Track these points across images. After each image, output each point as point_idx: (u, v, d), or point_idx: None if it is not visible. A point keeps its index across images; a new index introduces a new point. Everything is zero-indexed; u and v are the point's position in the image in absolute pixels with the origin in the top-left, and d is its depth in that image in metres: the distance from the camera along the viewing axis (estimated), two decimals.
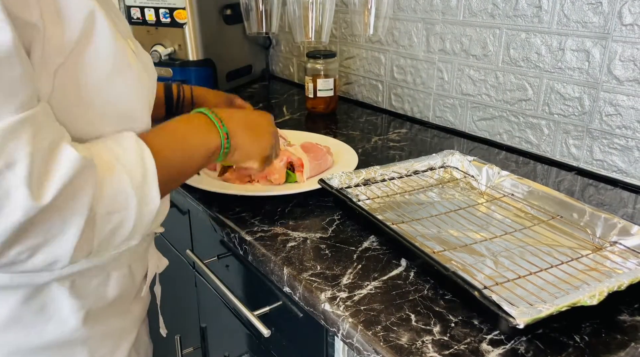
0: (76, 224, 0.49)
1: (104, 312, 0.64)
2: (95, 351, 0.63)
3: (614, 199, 0.92)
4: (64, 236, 0.49)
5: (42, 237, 0.47)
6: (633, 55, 0.92)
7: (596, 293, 0.56)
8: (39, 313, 0.58)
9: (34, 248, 0.48)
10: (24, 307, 0.57)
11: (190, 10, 1.44)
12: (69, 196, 0.48)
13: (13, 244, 0.46)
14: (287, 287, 0.70)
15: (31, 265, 0.49)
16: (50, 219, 0.47)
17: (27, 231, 0.46)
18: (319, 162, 0.96)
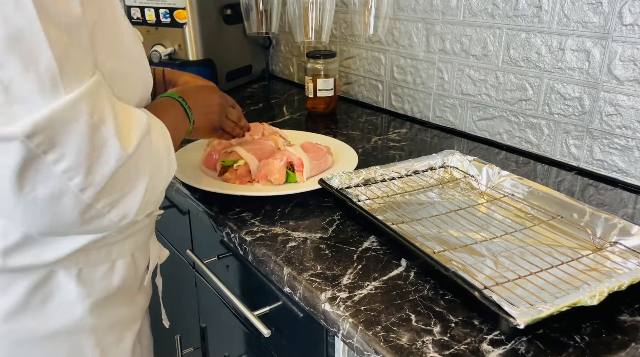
0: (143, 181, 0.55)
1: (110, 302, 0.66)
2: (101, 340, 0.65)
3: (614, 199, 0.92)
4: (135, 191, 0.54)
5: (121, 191, 0.52)
6: (633, 55, 0.92)
7: (596, 293, 0.56)
8: (46, 301, 0.60)
9: (113, 202, 0.52)
10: (32, 294, 0.59)
11: (190, 10, 1.44)
12: (143, 150, 0.54)
13: (102, 195, 0.51)
14: (287, 287, 0.70)
15: (108, 220, 0.53)
16: (129, 171, 0.53)
17: (113, 181, 0.51)
18: (319, 163, 0.96)
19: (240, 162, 0.92)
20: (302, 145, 0.98)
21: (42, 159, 0.47)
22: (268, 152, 0.96)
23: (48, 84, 0.46)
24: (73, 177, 0.48)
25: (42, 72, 0.45)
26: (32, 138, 0.45)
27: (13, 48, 0.44)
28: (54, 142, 0.47)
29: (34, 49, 0.45)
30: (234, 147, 0.96)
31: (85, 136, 0.48)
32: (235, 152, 0.94)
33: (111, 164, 0.50)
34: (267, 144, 0.98)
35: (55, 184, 0.48)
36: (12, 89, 0.45)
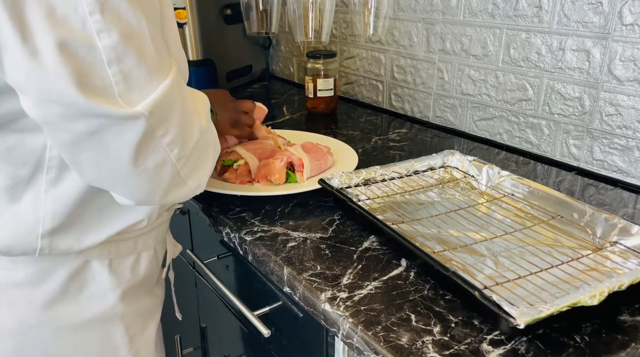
0: (212, 153, 0.63)
1: (136, 291, 0.71)
2: (129, 327, 0.70)
3: (614, 199, 0.92)
4: (206, 162, 0.62)
5: (197, 161, 0.60)
6: (633, 55, 0.92)
7: (597, 293, 0.56)
8: (82, 289, 0.65)
9: (192, 170, 0.59)
10: (70, 283, 0.64)
11: (190, 10, 1.44)
12: (211, 124, 0.64)
13: (187, 162, 0.58)
14: (287, 287, 0.70)
15: (187, 188, 0.60)
16: (204, 143, 0.61)
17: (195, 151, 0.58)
18: (319, 163, 0.96)
19: (240, 161, 0.92)
20: (303, 145, 0.98)
21: (154, 133, 0.53)
22: (268, 151, 0.96)
23: (154, 71, 0.52)
24: (173, 148, 0.55)
25: (149, 62, 0.51)
26: (152, 115, 0.52)
27: (130, 42, 0.50)
28: (163, 118, 0.53)
29: (143, 42, 0.51)
30: (234, 146, 0.96)
31: (181, 113, 0.56)
32: (235, 151, 0.94)
33: (195, 136, 0.58)
34: (267, 143, 0.98)
35: (161, 155, 0.55)
36: (130, 78, 0.50)
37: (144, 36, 0.51)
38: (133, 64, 0.50)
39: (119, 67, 0.49)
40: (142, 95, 0.51)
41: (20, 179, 0.59)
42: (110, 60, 0.49)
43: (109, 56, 0.49)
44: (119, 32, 0.49)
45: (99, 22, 0.48)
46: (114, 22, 0.48)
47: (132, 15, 0.50)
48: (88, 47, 0.48)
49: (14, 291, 0.62)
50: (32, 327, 0.63)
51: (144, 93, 0.52)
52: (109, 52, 0.49)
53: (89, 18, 0.47)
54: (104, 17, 0.48)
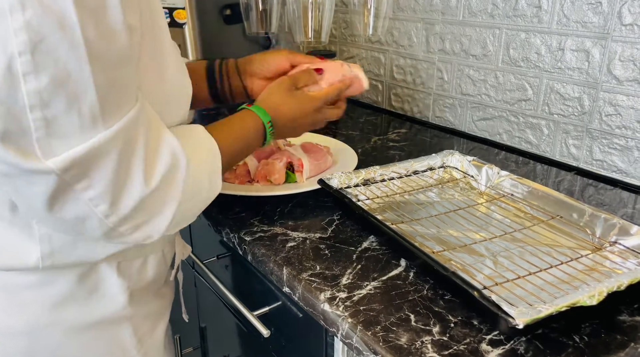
0: (172, 207, 0.57)
1: (144, 293, 0.71)
2: (137, 329, 0.70)
3: (613, 199, 0.92)
4: (162, 216, 0.57)
5: (146, 216, 0.55)
6: (633, 55, 0.92)
7: (596, 293, 0.56)
8: (92, 291, 0.65)
9: (137, 226, 0.55)
10: (79, 285, 0.63)
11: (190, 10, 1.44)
12: (170, 181, 0.56)
13: (125, 221, 0.54)
14: (286, 287, 0.70)
15: (132, 239, 0.56)
16: (154, 201, 0.55)
17: (138, 209, 0.54)
18: (319, 163, 0.96)
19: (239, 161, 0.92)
20: (302, 145, 0.98)
21: (72, 187, 0.50)
22: (267, 152, 0.96)
23: (88, 121, 0.48)
24: (99, 205, 0.51)
25: (84, 111, 0.47)
26: (67, 172, 0.48)
27: (60, 88, 0.46)
28: (86, 174, 0.49)
29: (79, 89, 0.46)
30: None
31: (115, 169, 0.51)
32: None
33: (135, 195, 0.53)
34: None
35: (82, 208, 0.51)
36: (53, 125, 0.47)
37: (84, 83, 0.46)
38: (61, 110, 0.46)
39: (43, 113, 0.46)
40: (66, 145, 0.48)
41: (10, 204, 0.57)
42: (33, 105, 0.45)
43: (32, 100, 0.45)
44: (50, 76, 0.45)
45: (27, 63, 0.44)
46: (46, 64, 0.44)
47: (73, 60, 0.45)
48: (10, 89, 0.44)
49: (24, 292, 0.61)
50: (42, 328, 0.62)
51: (69, 143, 0.48)
52: (32, 96, 0.45)
53: (17, 58, 0.43)
54: (34, 59, 0.44)
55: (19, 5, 0.43)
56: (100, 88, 0.48)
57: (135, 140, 0.52)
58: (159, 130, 0.57)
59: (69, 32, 0.45)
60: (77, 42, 0.45)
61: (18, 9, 0.43)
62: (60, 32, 0.45)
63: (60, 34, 0.45)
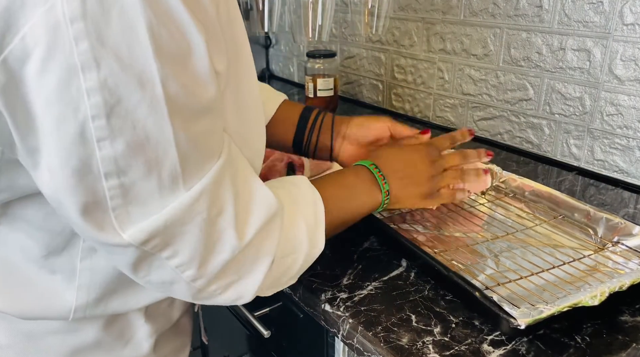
0: (265, 264, 0.52)
1: (169, 333, 0.67)
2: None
3: (615, 199, 0.92)
4: (254, 275, 0.52)
5: (236, 275, 0.51)
6: (634, 54, 0.92)
7: (597, 293, 0.56)
8: (118, 338, 0.60)
9: (227, 285, 0.51)
10: (106, 332, 0.59)
11: None
12: (264, 235, 0.51)
13: (214, 281, 0.49)
14: (287, 288, 0.70)
15: (221, 299, 0.52)
16: (246, 258, 0.50)
17: (227, 269, 0.49)
18: (319, 162, 0.96)
19: None
20: None
21: (156, 255, 0.46)
22: (267, 152, 0.96)
23: (168, 185, 0.43)
24: (185, 270, 0.47)
25: (164, 176, 0.43)
26: (147, 244, 0.44)
27: (139, 153, 0.41)
28: (169, 242, 0.45)
29: (160, 152, 0.42)
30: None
31: (202, 233, 0.46)
32: None
33: (225, 255, 0.48)
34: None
35: (168, 274, 0.48)
36: (131, 193, 0.42)
37: (164, 145, 0.41)
38: (139, 177, 0.42)
39: (119, 181, 0.41)
40: (144, 213, 0.43)
41: (55, 247, 0.53)
42: (108, 173, 0.41)
43: (108, 168, 0.41)
44: (126, 141, 0.40)
45: (101, 128, 0.39)
46: (123, 129, 0.40)
47: (152, 122, 0.40)
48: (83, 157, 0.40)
49: (48, 338, 0.58)
50: None
51: (148, 210, 0.43)
52: (108, 163, 0.40)
53: (90, 123, 0.39)
54: (109, 123, 0.39)
55: (93, 62, 0.38)
56: (182, 149, 0.42)
57: (223, 199, 0.47)
58: (248, 179, 0.51)
59: (149, 90, 0.40)
60: (158, 101, 0.40)
61: (92, 67, 0.38)
62: (140, 92, 0.39)
63: (140, 94, 0.39)
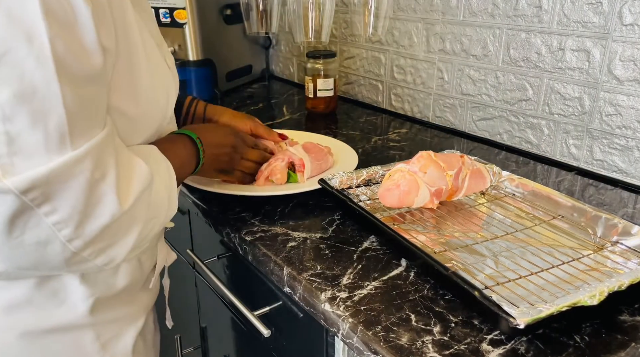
0: (137, 229, 0.55)
1: (112, 300, 0.67)
2: (101, 334, 0.66)
3: (614, 199, 0.92)
4: (126, 240, 0.54)
5: (111, 239, 0.53)
6: (633, 55, 0.92)
7: (596, 293, 0.56)
8: (50, 297, 0.61)
9: (100, 250, 0.53)
10: (37, 290, 0.59)
11: (190, 10, 1.44)
12: (143, 200, 0.55)
13: (90, 244, 0.51)
14: (287, 287, 0.70)
15: (92, 265, 0.54)
16: (122, 224, 0.53)
17: (104, 233, 0.51)
18: (320, 163, 0.96)
19: None
20: (304, 145, 0.98)
21: (35, 210, 0.47)
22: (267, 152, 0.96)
23: (55, 140, 0.46)
24: (62, 229, 0.49)
25: (50, 129, 0.45)
26: (27, 193, 0.46)
27: (25, 103, 0.44)
28: (50, 197, 0.47)
29: (46, 105, 0.45)
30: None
31: (83, 192, 0.48)
32: None
33: (105, 219, 0.51)
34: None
35: (44, 232, 0.49)
36: (17, 142, 0.45)
37: (51, 99, 0.45)
38: (24, 126, 0.44)
39: (5, 127, 0.44)
40: (29, 164, 0.45)
41: None
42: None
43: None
44: (13, 90, 0.43)
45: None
46: (10, 78, 0.43)
47: (39, 75, 0.44)
48: None
49: None
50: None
51: (33, 162, 0.45)
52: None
53: None
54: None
55: None
56: (69, 106, 0.46)
57: (106, 163, 0.50)
58: (126, 153, 0.55)
59: (36, 45, 0.43)
60: (45, 57, 0.44)
61: None
62: (28, 46, 0.43)
63: (28, 48, 0.43)
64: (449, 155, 0.86)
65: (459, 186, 0.84)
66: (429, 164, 0.80)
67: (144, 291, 0.74)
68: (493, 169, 0.91)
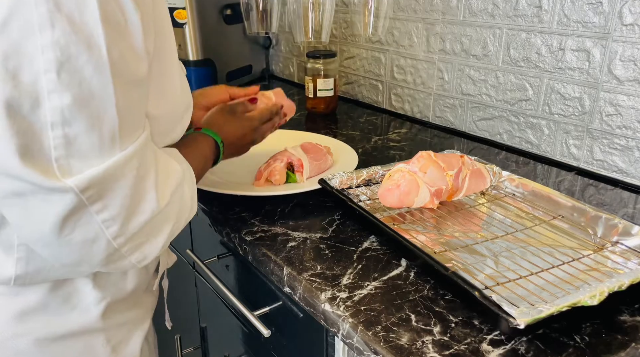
0: (169, 227, 0.57)
1: (121, 304, 0.68)
2: (111, 338, 0.67)
3: (614, 199, 0.92)
4: (159, 237, 0.57)
5: (147, 236, 0.55)
6: (633, 55, 0.92)
7: (597, 293, 0.56)
8: (64, 302, 0.62)
9: (137, 246, 0.54)
10: (51, 295, 0.61)
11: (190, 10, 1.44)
12: (175, 201, 0.57)
13: (130, 240, 0.53)
14: (287, 287, 0.70)
15: (127, 262, 0.55)
16: (158, 221, 0.55)
17: (143, 229, 0.54)
18: (319, 163, 0.96)
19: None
20: (302, 146, 0.98)
21: (88, 208, 0.49)
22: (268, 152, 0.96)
23: (108, 142, 0.49)
24: (110, 226, 0.51)
25: (104, 131, 0.48)
26: (85, 192, 0.48)
27: (83, 108, 0.46)
28: (102, 195, 0.49)
29: (102, 109, 0.47)
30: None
31: (130, 190, 0.51)
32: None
33: (146, 215, 0.53)
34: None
35: (93, 230, 0.51)
36: (74, 145, 0.47)
37: (106, 103, 0.47)
38: (82, 130, 0.47)
39: (64, 131, 0.46)
40: (84, 165, 0.48)
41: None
42: (54, 123, 0.46)
43: (54, 118, 0.46)
44: (73, 95, 0.46)
45: (52, 81, 0.45)
46: (71, 84, 0.45)
47: (97, 81, 0.46)
48: (34, 105, 0.45)
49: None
50: (9, 338, 0.60)
51: (87, 163, 0.48)
52: (55, 113, 0.45)
53: (43, 76, 0.44)
54: (59, 77, 0.45)
55: (48, 23, 0.43)
56: (120, 110, 0.49)
57: (149, 162, 0.53)
58: (161, 153, 0.58)
59: (95, 52, 0.46)
60: (103, 63, 0.46)
61: (47, 27, 0.44)
62: (88, 53, 0.45)
63: (88, 55, 0.45)
64: (449, 155, 0.86)
65: (459, 186, 0.84)
66: (429, 164, 0.80)
67: (148, 293, 0.75)
68: (493, 169, 0.91)
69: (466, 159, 0.86)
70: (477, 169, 0.87)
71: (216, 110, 0.84)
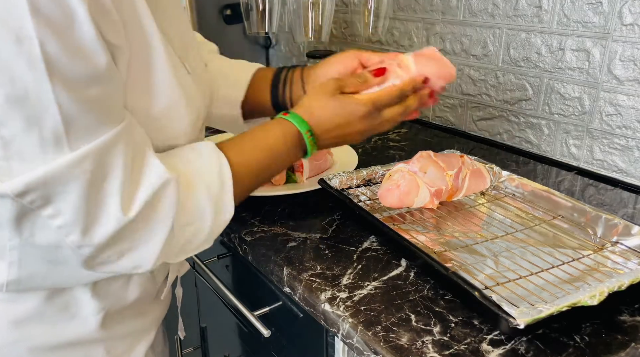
0: (161, 234, 0.53)
1: (122, 314, 0.66)
2: (111, 349, 0.65)
3: (614, 199, 0.92)
4: (150, 245, 0.53)
5: (129, 243, 0.52)
6: (633, 55, 0.92)
7: (597, 293, 0.56)
8: (61, 311, 0.60)
9: (121, 252, 0.52)
10: (48, 304, 0.59)
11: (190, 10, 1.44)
12: (154, 206, 0.52)
13: (104, 249, 0.50)
14: (287, 287, 0.70)
15: (118, 267, 0.53)
16: (136, 228, 0.51)
17: (116, 239, 0.50)
18: (319, 163, 0.96)
19: None
20: None
21: (37, 213, 0.47)
22: None
23: (50, 143, 0.45)
24: (69, 234, 0.48)
25: (46, 132, 0.45)
26: (24, 196, 0.46)
27: (17, 107, 0.43)
28: (50, 199, 0.47)
29: (39, 108, 0.44)
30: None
31: (83, 195, 0.47)
32: None
33: (110, 226, 0.49)
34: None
35: (52, 235, 0.49)
36: (12, 146, 0.44)
37: (44, 102, 0.44)
38: (19, 130, 0.44)
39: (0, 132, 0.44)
40: (26, 168, 0.45)
41: None
42: None
43: None
44: (5, 94, 0.43)
45: None
46: (1, 82, 0.42)
47: (31, 79, 0.43)
48: None
49: None
50: (3, 346, 0.58)
51: (29, 165, 0.45)
52: None
53: None
54: None
55: None
56: (64, 108, 0.45)
57: (111, 165, 0.49)
58: (144, 154, 0.53)
59: (26, 47, 0.42)
60: (35, 58, 0.42)
61: None
62: (17, 47, 0.42)
63: (17, 50, 0.42)
64: (448, 155, 0.86)
65: (459, 186, 0.84)
66: (429, 164, 0.80)
67: (155, 302, 0.72)
68: (493, 169, 0.91)
69: (466, 159, 0.86)
70: (477, 169, 0.87)
71: (318, 89, 0.69)
